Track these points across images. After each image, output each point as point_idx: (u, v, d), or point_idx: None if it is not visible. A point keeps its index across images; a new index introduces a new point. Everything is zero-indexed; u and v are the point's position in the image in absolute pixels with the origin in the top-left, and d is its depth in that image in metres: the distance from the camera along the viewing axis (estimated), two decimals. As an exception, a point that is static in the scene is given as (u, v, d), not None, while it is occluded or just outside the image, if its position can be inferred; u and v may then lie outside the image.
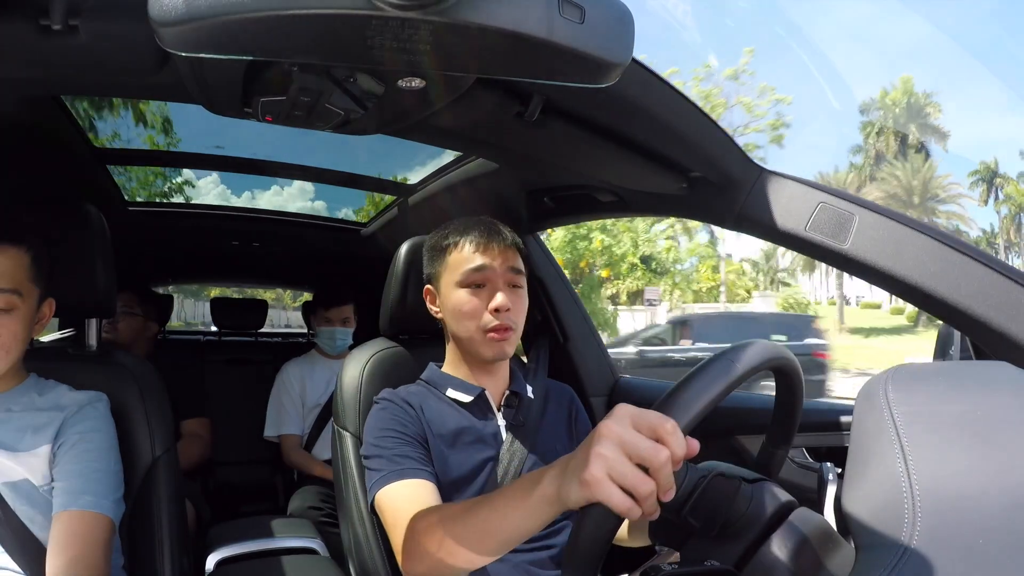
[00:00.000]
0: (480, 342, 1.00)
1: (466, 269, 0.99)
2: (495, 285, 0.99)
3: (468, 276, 0.99)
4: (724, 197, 1.00)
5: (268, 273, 3.31)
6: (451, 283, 1.01)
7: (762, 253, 29.45)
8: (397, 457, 0.93)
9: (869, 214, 0.86)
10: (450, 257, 1.02)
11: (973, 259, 0.79)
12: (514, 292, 1.01)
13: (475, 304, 0.99)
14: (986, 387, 0.53)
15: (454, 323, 1.02)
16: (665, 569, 0.60)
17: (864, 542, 0.44)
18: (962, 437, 0.45)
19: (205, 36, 0.45)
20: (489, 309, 0.98)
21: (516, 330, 1.01)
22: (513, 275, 1.01)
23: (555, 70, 0.53)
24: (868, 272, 0.87)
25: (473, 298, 0.99)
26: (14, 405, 0.94)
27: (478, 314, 0.99)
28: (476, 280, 0.99)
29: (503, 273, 1.00)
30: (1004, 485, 0.41)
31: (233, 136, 1.59)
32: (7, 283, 0.88)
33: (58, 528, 0.87)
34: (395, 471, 0.92)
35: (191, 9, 0.43)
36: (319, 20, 0.45)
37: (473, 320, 0.99)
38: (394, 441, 0.95)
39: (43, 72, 0.72)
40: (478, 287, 1.00)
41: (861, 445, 0.50)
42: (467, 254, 1.00)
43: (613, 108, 0.84)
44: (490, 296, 0.99)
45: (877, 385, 0.52)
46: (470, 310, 0.99)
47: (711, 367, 0.61)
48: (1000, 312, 0.76)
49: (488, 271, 0.99)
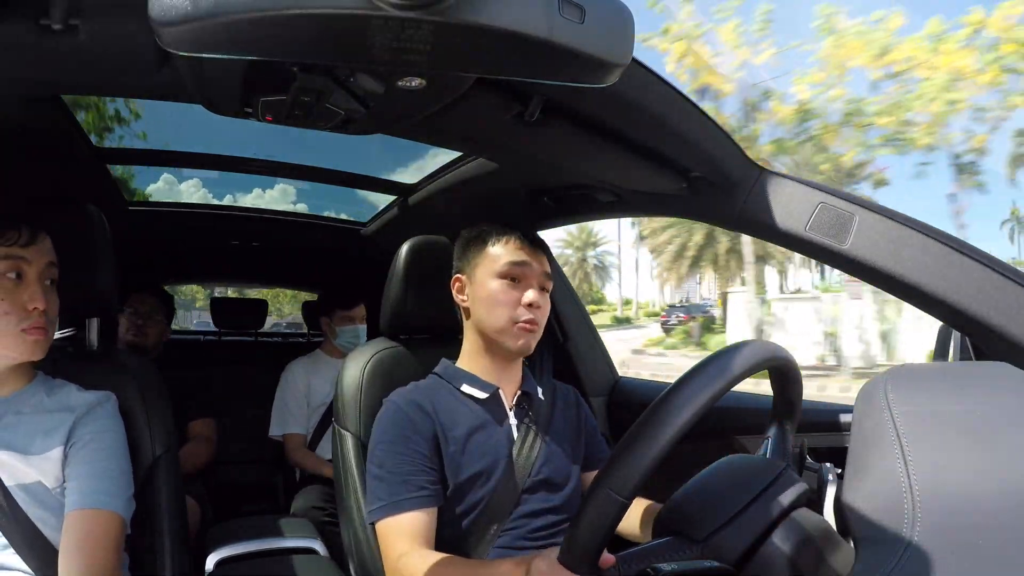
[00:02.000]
0: (509, 333, 1.03)
1: (508, 260, 1.04)
2: (530, 282, 1.04)
3: (508, 268, 1.03)
4: (724, 197, 1.00)
5: (268, 273, 3.31)
6: (489, 272, 1.04)
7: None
8: (398, 484, 0.95)
9: (869, 214, 0.86)
10: (491, 248, 1.06)
11: (973, 259, 0.79)
12: (543, 295, 1.05)
13: (511, 296, 1.03)
14: (986, 387, 0.53)
15: (486, 312, 1.04)
16: (665, 569, 0.60)
17: (864, 542, 0.44)
18: (962, 437, 0.45)
19: (205, 36, 0.45)
20: (523, 302, 1.02)
21: (540, 329, 1.05)
22: (545, 279, 1.06)
23: (555, 70, 0.53)
24: (868, 272, 0.87)
25: (509, 290, 1.03)
26: (24, 407, 0.94)
27: (512, 305, 1.02)
28: (514, 274, 1.03)
29: (539, 274, 1.05)
30: (1004, 485, 0.41)
31: (233, 135, 1.59)
32: (54, 256, 0.94)
33: (71, 527, 0.87)
34: (393, 503, 0.94)
35: (191, 9, 0.43)
36: (319, 20, 0.45)
37: (506, 310, 1.02)
38: (398, 458, 0.97)
39: (43, 72, 0.72)
40: (514, 281, 1.03)
41: (861, 445, 0.50)
42: (510, 247, 1.05)
43: (613, 108, 0.84)
44: (524, 291, 1.03)
45: (877, 385, 0.52)
46: (506, 300, 1.03)
47: (705, 370, 0.61)
48: (1000, 312, 0.76)
49: (527, 268, 1.04)
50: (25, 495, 0.89)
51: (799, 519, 0.64)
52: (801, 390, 0.77)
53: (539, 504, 1.02)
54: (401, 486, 0.95)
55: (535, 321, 1.03)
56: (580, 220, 1.47)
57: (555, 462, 1.05)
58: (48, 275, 0.94)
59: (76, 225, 1.03)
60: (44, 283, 0.92)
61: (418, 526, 0.93)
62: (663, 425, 0.58)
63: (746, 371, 0.62)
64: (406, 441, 0.97)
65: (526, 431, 1.05)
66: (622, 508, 0.59)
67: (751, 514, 0.63)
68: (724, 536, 0.63)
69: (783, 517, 0.63)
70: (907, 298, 0.85)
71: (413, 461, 0.96)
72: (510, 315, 1.02)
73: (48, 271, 0.93)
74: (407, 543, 0.91)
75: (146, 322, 2.04)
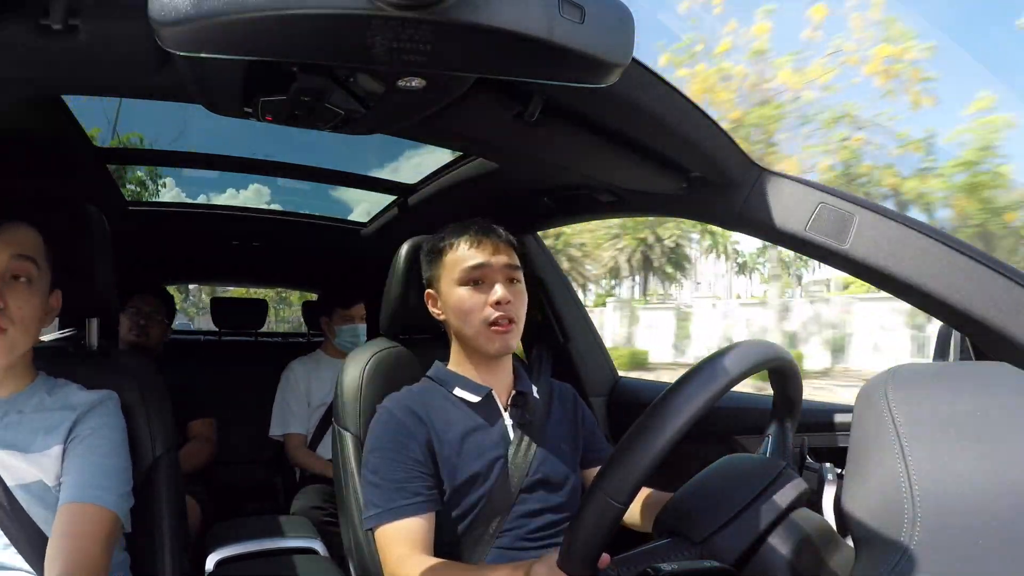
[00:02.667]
0: (484, 337, 1.01)
1: (464, 267, 1.01)
2: (494, 280, 1.01)
3: (467, 274, 1.01)
4: (724, 197, 1.00)
5: (268, 273, 3.31)
6: (451, 282, 1.03)
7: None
8: (393, 491, 0.95)
9: (869, 214, 0.86)
10: (447, 257, 1.04)
11: (973, 259, 0.79)
12: (513, 287, 1.03)
13: (476, 300, 1.01)
14: (986, 388, 0.52)
15: (457, 321, 1.03)
16: (665, 569, 0.60)
17: (864, 542, 0.44)
18: (962, 437, 0.45)
19: (205, 36, 0.45)
20: (490, 302, 1.00)
21: (518, 323, 1.03)
22: (510, 271, 1.03)
23: (555, 70, 0.53)
24: (868, 272, 0.86)
25: (474, 294, 1.01)
26: (25, 407, 0.93)
27: (480, 309, 1.00)
28: (475, 277, 1.01)
29: (500, 269, 1.02)
30: (1004, 485, 0.41)
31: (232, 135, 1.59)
32: (26, 251, 0.88)
33: (61, 519, 0.86)
34: (389, 510, 0.94)
35: (191, 9, 0.43)
36: (319, 20, 0.45)
37: (475, 315, 1.01)
38: (393, 465, 0.97)
39: (43, 72, 0.72)
40: (477, 284, 1.01)
41: (861, 445, 0.50)
42: (463, 253, 1.03)
43: (613, 108, 0.84)
44: (490, 291, 1.01)
45: (877, 385, 0.52)
46: (471, 306, 1.01)
47: (703, 372, 0.61)
48: (1000, 312, 0.76)
49: (485, 268, 1.01)
50: (26, 494, 0.88)
51: (799, 519, 0.64)
52: (801, 390, 0.77)
53: (538, 504, 1.01)
54: (396, 493, 0.95)
55: (508, 318, 1.01)
56: (580, 220, 1.47)
57: (553, 461, 1.04)
58: (15, 270, 0.87)
59: (76, 225, 1.03)
60: (7, 278, 0.87)
61: (415, 532, 0.93)
62: (660, 429, 0.58)
63: (744, 372, 0.62)
64: (400, 448, 0.97)
65: (522, 431, 1.05)
66: (619, 513, 0.59)
67: (750, 515, 0.63)
68: (723, 537, 0.63)
69: (783, 517, 0.63)
70: (907, 298, 0.85)
71: (408, 467, 0.96)
72: (480, 319, 1.00)
73: (15, 265, 0.87)
74: (405, 549, 0.91)
75: (148, 322, 2.04)
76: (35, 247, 0.91)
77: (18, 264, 0.88)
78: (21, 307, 0.87)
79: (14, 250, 0.88)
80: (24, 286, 0.88)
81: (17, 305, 0.87)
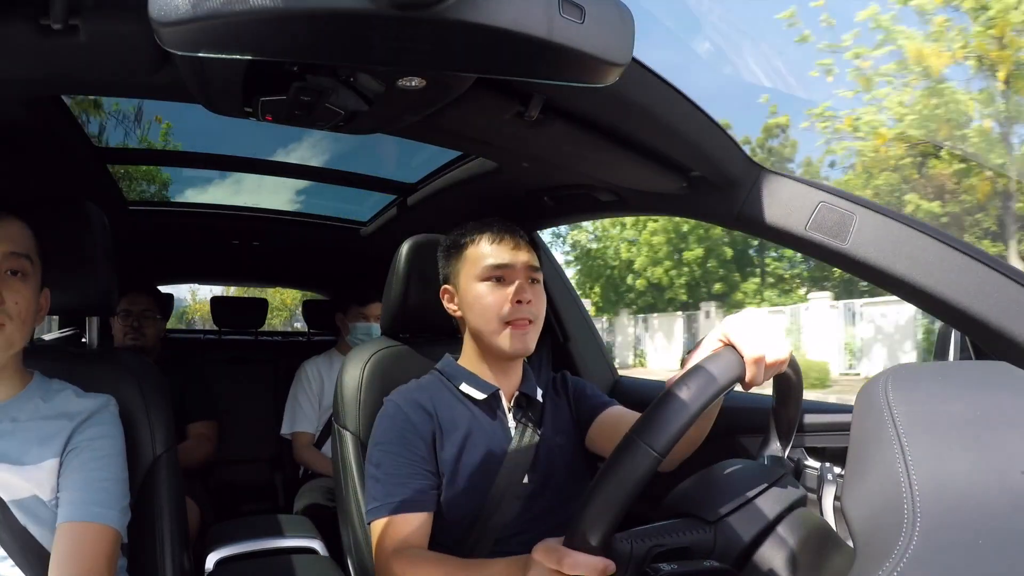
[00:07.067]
0: (502, 335, 1.00)
1: (486, 264, 1.01)
2: (514, 279, 1.00)
3: (489, 271, 1.01)
4: (724, 197, 1.00)
5: (268, 272, 3.31)
6: (471, 277, 1.02)
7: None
8: (395, 486, 0.95)
9: (869, 214, 0.86)
10: (468, 252, 1.03)
11: (973, 259, 0.79)
12: (533, 287, 1.02)
13: (497, 295, 1.00)
14: (985, 387, 0.52)
15: (475, 317, 1.02)
16: (665, 569, 0.60)
17: (864, 542, 0.44)
18: (962, 437, 0.45)
19: (205, 36, 0.45)
20: (511, 300, 0.99)
21: (537, 323, 1.02)
22: (531, 271, 1.03)
23: (555, 70, 0.53)
24: (868, 272, 0.87)
25: (495, 289, 1.00)
26: (20, 414, 0.90)
27: (500, 305, 0.99)
28: (496, 275, 1.01)
29: (522, 268, 1.01)
30: (1004, 485, 0.41)
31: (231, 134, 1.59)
32: (20, 247, 0.88)
33: (63, 540, 0.84)
34: (389, 504, 0.94)
35: (191, 9, 0.43)
36: (319, 20, 0.45)
37: (495, 311, 1.00)
38: (396, 460, 0.96)
39: (43, 72, 0.72)
40: (498, 281, 1.01)
41: (861, 445, 0.50)
42: (486, 249, 1.02)
43: (613, 108, 0.84)
44: (510, 287, 1.00)
45: (877, 385, 0.52)
46: (491, 301, 1.00)
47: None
48: (1000, 312, 0.76)
49: (508, 267, 1.01)
50: (20, 512, 0.86)
51: (799, 519, 0.64)
52: (801, 389, 0.77)
53: (538, 504, 1.02)
54: (397, 488, 0.95)
55: (528, 318, 1.00)
56: (580, 220, 1.48)
57: (554, 461, 1.04)
58: (9, 265, 0.87)
59: (76, 225, 1.03)
60: (3, 274, 0.86)
61: (412, 527, 0.92)
62: (706, 384, 0.58)
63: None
64: (405, 443, 0.97)
65: (523, 431, 1.05)
66: (654, 464, 0.55)
67: (762, 502, 0.64)
68: (737, 519, 0.63)
69: (785, 515, 0.64)
70: (907, 297, 0.85)
71: (410, 463, 0.96)
72: (499, 315, 0.99)
73: (11, 261, 0.87)
74: (399, 543, 0.91)
75: (142, 322, 2.01)
76: (28, 244, 0.90)
77: (14, 260, 0.87)
78: (18, 302, 0.87)
79: (9, 246, 0.87)
80: (20, 282, 0.88)
81: (14, 300, 0.86)
